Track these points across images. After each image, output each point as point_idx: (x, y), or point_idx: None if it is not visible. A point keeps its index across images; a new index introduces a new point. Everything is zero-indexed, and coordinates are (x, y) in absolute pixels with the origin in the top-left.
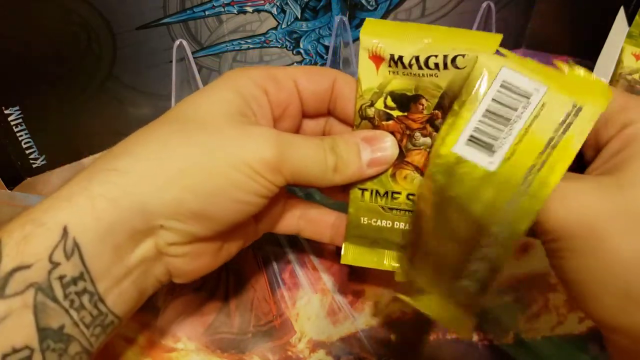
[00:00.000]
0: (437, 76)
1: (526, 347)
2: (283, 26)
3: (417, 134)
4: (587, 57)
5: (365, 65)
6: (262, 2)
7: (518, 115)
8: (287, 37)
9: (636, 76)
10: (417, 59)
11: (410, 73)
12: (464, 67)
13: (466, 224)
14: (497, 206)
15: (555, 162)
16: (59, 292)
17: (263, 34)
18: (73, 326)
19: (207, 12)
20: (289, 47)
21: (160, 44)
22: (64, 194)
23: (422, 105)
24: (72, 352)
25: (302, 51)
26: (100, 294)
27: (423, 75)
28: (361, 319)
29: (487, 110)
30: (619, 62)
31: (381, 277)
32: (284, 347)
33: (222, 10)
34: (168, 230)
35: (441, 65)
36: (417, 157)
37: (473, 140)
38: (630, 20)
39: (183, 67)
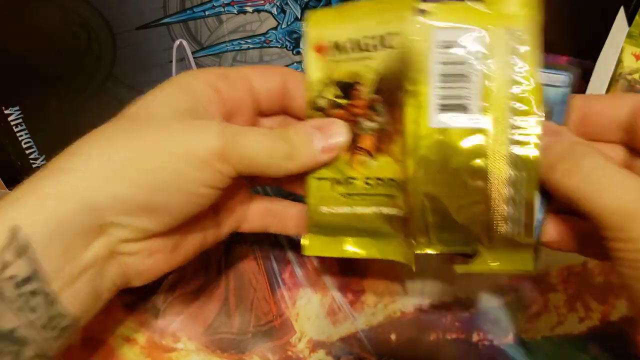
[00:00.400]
0: (372, 58)
1: (526, 347)
2: (283, 26)
3: (362, 119)
4: (587, 57)
5: (311, 58)
6: (262, 2)
7: (471, 65)
8: (287, 37)
9: (636, 76)
10: (352, 42)
11: (350, 58)
12: (394, 46)
13: (483, 180)
14: (500, 151)
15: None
16: (10, 293)
17: (263, 34)
18: (27, 328)
19: (207, 12)
20: (289, 47)
21: (160, 44)
22: (15, 194)
23: (358, 90)
24: (26, 356)
25: (302, 51)
26: (53, 293)
27: (360, 59)
28: (361, 319)
29: (441, 75)
30: (619, 62)
31: (381, 277)
32: (284, 347)
33: (222, 10)
34: (118, 226)
35: (373, 47)
36: (368, 142)
37: (444, 108)
38: (630, 20)
39: (183, 67)
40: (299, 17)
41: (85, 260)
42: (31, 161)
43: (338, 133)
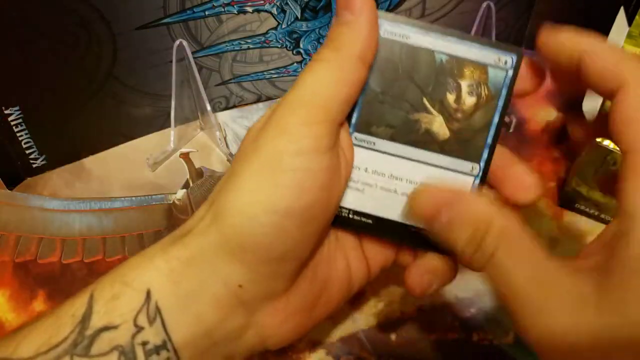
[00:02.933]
0: None
1: (526, 347)
2: (283, 26)
3: None
4: None
5: None
6: (262, 2)
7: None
8: (287, 37)
9: None
10: None
11: None
12: None
13: None
14: None
15: None
16: (141, 359)
17: (263, 34)
18: None
19: (207, 12)
20: (289, 47)
21: (160, 44)
22: (150, 251)
23: None
24: None
25: (302, 51)
26: None
27: None
28: (361, 319)
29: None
30: None
31: (382, 277)
32: (283, 347)
33: (222, 10)
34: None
35: None
36: None
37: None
38: (630, 20)
39: (183, 67)
40: (299, 17)
41: (220, 333)
42: (31, 161)
43: None
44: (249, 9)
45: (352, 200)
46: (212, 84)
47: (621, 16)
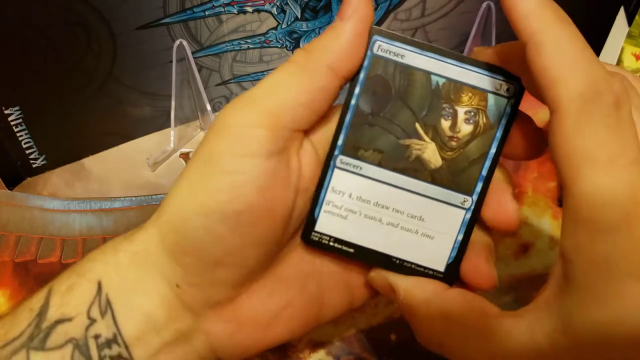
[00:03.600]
0: None
1: None
2: (283, 26)
3: None
4: None
5: None
6: (262, 2)
7: None
8: (287, 37)
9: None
10: None
11: None
12: None
13: None
14: None
15: None
16: (94, 353)
17: (263, 34)
18: None
19: (207, 12)
20: (289, 47)
21: (160, 44)
22: (106, 245)
23: None
24: None
25: None
26: None
27: None
28: (361, 319)
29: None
30: (619, 62)
31: None
32: (284, 347)
33: (222, 10)
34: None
35: None
36: None
37: None
38: (630, 20)
39: (183, 67)
40: (299, 17)
41: (169, 332)
42: (31, 161)
43: None
44: (249, 9)
45: (334, 227)
46: (212, 84)
47: (621, 16)
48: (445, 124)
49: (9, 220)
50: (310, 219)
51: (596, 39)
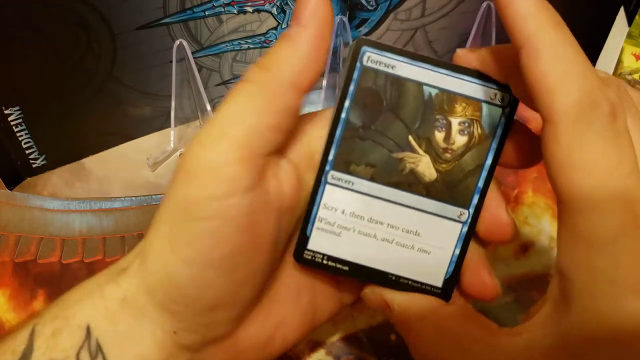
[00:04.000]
0: None
1: None
2: (283, 26)
3: None
4: (587, 57)
5: None
6: (262, 2)
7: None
8: None
9: (636, 76)
10: None
11: None
12: None
13: None
14: None
15: None
16: None
17: (263, 34)
18: None
19: (207, 12)
20: None
21: (160, 44)
22: (89, 285)
23: None
24: None
25: None
26: None
27: None
28: (361, 319)
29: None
30: (619, 62)
31: None
32: None
33: (222, 10)
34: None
35: None
36: None
37: None
38: (630, 20)
39: (183, 67)
40: None
41: None
42: (31, 161)
43: None
44: (249, 9)
45: (327, 245)
46: (212, 84)
47: (621, 16)
48: (439, 135)
49: (9, 220)
50: (303, 237)
51: (596, 39)
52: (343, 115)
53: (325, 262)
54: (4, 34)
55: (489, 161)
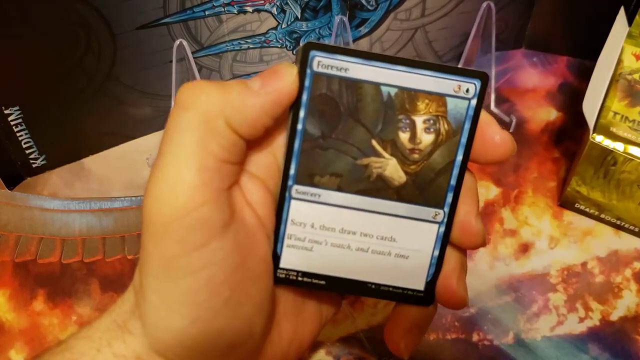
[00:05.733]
0: None
1: (526, 347)
2: (283, 26)
3: None
4: (587, 57)
5: None
6: (262, 2)
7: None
8: (287, 37)
9: (636, 76)
10: None
11: None
12: None
13: None
14: None
15: None
16: None
17: (263, 34)
18: None
19: (207, 12)
20: (289, 47)
21: (160, 44)
22: (94, 339)
23: None
24: None
25: None
26: None
27: None
28: (361, 319)
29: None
30: (619, 62)
31: None
32: None
33: (222, 10)
34: None
35: None
36: None
37: None
38: (630, 20)
39: (183, 67)
40: (299, 17)
41: None
42: (31, 161)
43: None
44: (249, 9)
45: (300, 261)
46: None
47: (621, 16)
48: (404, 136)
49: (9, 220)
50: (274, 257)
51: (596, 39)
52: (299, 126)
53: (300, 278)
54: (4, 34)
55: (459, 157)
